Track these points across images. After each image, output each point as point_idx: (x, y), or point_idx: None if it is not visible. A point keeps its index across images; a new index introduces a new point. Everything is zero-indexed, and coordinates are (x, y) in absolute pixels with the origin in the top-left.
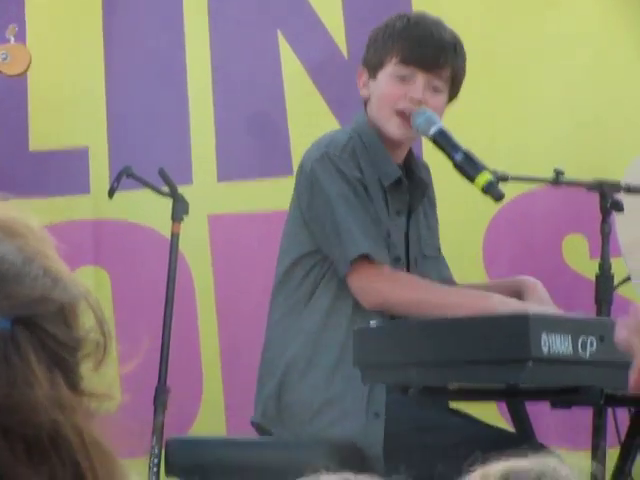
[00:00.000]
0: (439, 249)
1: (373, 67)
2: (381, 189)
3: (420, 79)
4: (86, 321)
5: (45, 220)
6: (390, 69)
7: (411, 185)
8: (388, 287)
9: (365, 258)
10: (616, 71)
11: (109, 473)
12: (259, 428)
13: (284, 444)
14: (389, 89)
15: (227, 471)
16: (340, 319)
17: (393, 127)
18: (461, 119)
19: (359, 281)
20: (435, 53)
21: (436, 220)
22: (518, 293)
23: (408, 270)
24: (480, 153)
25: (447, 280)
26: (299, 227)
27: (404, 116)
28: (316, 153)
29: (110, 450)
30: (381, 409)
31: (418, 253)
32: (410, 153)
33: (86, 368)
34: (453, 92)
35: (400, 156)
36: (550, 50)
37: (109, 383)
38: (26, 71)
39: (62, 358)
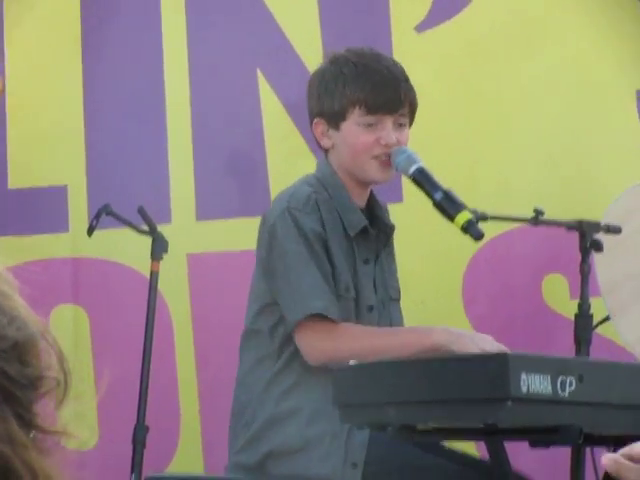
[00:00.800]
0: (399, 291)
1: (333, 118)
2: (346, 239)
3: (388, 123)
4: (49, 360)
5: (23, 258)
6: (355, 119)
7: (375, 229)
8: (331, 345)
9: (311, 317)
10: (596, 114)
11: None
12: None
13: None
14: (360, 139)
15: None
16: (317, 374)
17: (374, 172)
18: (441, 158)
19: (304, 339)
20: (396, 94)
21: (395, 262)
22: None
23: (379, 316)
24: (460, 192)
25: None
26: (260, 277)
27: (381, 159)
28: (278, 208)
29: None
30: (360, 459)
31: (385, 297)
32: (371, 194)
33: (65, 411)
34: (412, 120)
35: (364, 199)
36: (530, 91)
37: (66, 421)
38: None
39: (13, 394)
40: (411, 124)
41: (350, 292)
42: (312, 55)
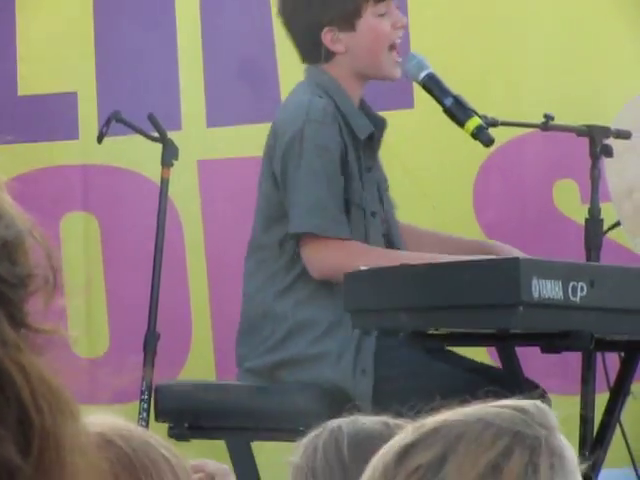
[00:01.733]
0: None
1: (347, 19)
2: (354, 147)
3: (393, 6)
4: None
5: (33, 165)
6: (371, 11)
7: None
8: (337, 257)
9: (313, 234)
10: (606, 18)
11: (57, 410)
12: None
13: (274, 388)
14: (382, 28)
15: (216, 416)
16: (330, 286)
17: (390, 66)
18: (451, 64)
19: (308, 253)
20: None
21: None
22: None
23: (385, 222)
24: (470, 98)
25: (395, 207)
26: (269, 189)
27: (396, 48)
28: (295, 121)
29: (59, 387)
30: (369, 366)
31: (383, 190)
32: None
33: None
34: None
35: (359, 100)
36: None
37: (58, 317)
38: None
39: (4, 294)
40: None
41: (362, 200)
42: None
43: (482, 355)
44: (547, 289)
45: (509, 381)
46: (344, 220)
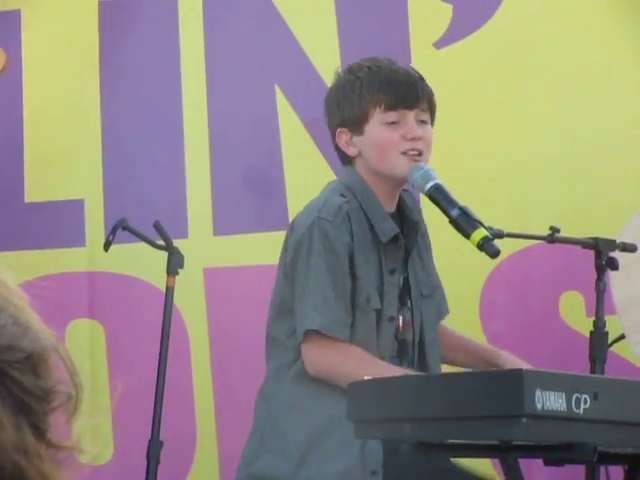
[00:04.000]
0: (437, 282)
1: (356, 123)
2: (375, 248)
3: (410, 118)
4: (59, 374)
5: (40, 272)
6: (377, 118)
7: (405, 229)
8: (335, 358)
9: (316, 332)
10: (612, 132)
11: None
12: None
13: None
14: (386, 136)
15: None
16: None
17: (403, 168)
18: (458, 175)
19: (307, 350)
20: (413, 89)
21: (431, 260)
22: (494, 365)
23: (401, 319)
24: (477, 209)
25: (441, 302)
26: (281, 283)
27: (410, 155)
28: (309, 217)
29: None
30: (378, 467)
31: (417, 295)
32: (400, 197)
33: (80, 425)
34: (433, 119)
35: (393, 204)
36: (548, 108)
37: (79, 435)
38: (1, 72)
39: (28, 405)
40: (432, 124)
41: (371, 303)
42: (330, 71)
43: (487, 466)
44: (550, 401)
45: None
46: (348, 322)
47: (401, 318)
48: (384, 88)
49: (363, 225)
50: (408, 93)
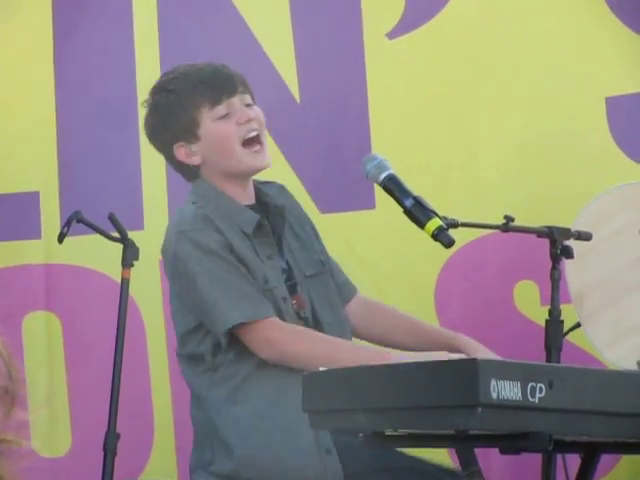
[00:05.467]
0: (321, 261)
1: (189, 132)
2: (247, 239)
3: (236, 104)
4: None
5: None
6: (208, 118)
7: (270, 216)
8: (286, 339)
9: (244, 324)
10: (566, 121)
11: None
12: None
13: None
14: (223, 129)
15: None
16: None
17: (249, 160)
18: (412, 165)
19: (252, 342)
20: (226, 78)
21: (310, 234)
22: (453, 348)
23: (297, 298)
24: (431, 199)
25: (344, 284)
26: (177, 310)
27: (250, 142)
28: (172, 238)
29: None
30: (331, 446)
31: (301, 276)
32: (256, 188)
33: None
34: (254, 99)
35: (250, 195)
36: (500, 98)
37: (18, 428)
38: None
39: None
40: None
41: (269, 283)
42: (284, 59)
43: (443, 456)
44: (506, 390)
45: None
46: (265, 300)
47: (298, 297)
48: (200, 89)
49: (226, 222)
50: (224, 83)
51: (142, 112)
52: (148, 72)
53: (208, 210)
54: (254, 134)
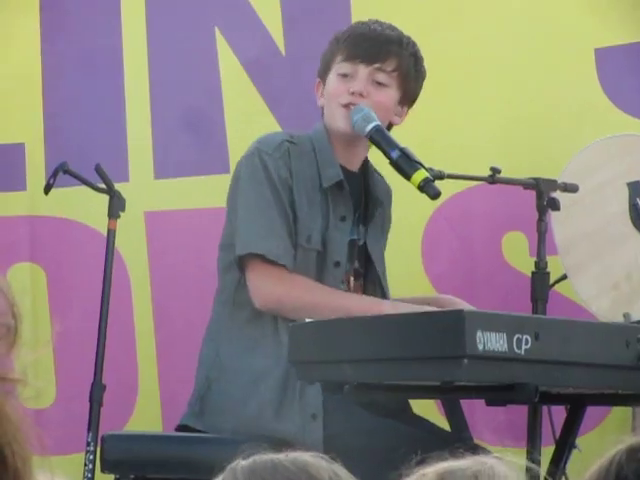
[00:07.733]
0: (381, 284)
1: (323, 73)
2: (321, 192)
3: (361, 73)
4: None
5: None
6: (335, 69)
7: (366, 200)
8: (283, 289)
9: (261, 260)
10: (554, 72)
11: (20, 446)
12: (187, 430)
13: (220, 440)
14: (333, 86)
15: (163, 467)
16: (267, 322)
17: (339, 119)
18: None
19: (253, 280)
20: (375, 46)
21: (382, 250)
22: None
23: (349, 280)
24: (417, 150)
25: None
26: (227, 222)
27: (349, 109)
28: (251, 147)
29: (20, 424)
30: (318, 411)
31: (372, 270)
32: (367, 166)
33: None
34: (407, 90)
35: (353, 162)
36: (487, 49)
37: (23, 368)
38: None
39: None
40: (409, 98)
41: (312, 243)
42: (270, 12)
43: (432, 407)
44: (492, 341)
45: (454, 437)
46: (292, 252)
47: (352, 279)
48: (348, 40)
49: (310, 168)
50: (368, 48)
51: (128, 63)
52: (133, 22)
53: (298, 149)
54: (354, 107)
